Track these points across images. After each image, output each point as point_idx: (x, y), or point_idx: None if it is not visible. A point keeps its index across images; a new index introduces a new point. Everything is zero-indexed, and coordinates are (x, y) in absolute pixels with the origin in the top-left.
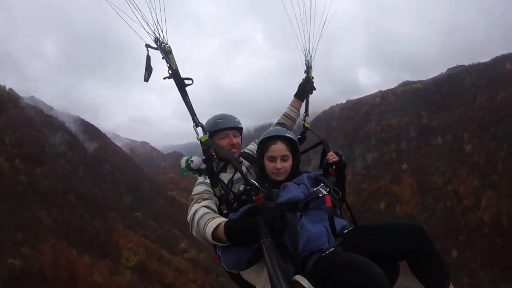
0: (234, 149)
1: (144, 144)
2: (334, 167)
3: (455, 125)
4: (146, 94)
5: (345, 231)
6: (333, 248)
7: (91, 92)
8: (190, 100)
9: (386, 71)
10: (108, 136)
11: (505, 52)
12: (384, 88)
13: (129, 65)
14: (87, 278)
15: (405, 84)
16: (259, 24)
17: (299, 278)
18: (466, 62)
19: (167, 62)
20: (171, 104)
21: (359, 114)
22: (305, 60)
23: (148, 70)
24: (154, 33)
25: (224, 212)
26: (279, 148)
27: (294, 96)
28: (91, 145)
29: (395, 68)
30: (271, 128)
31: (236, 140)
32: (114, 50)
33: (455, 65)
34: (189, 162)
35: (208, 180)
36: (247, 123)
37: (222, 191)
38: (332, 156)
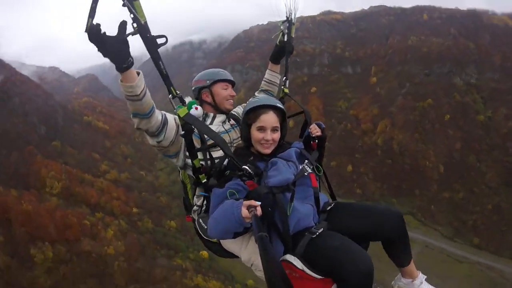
0: (231, 100)
1: (53, 69)
2: (316, 141)
3: (365, 58)
4: (47, 12)
5: (327, 208)
6: (322, 229)
7: None
8: (164, 65)
9: None
10: (14, 66)
11: (426, 4)
12: (305, 14)
13: None
14: (17, 209)
15: (326, 13)
16: None
17: (291, 258)
18: (389, 3)
19: (131, 12)
20: (78, 21)
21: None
22: (287, 17)
23: (92, 16)
24: None
25: (203, 181)
26: (270, 118)
27: (270, 60)
28: None
29: None
30: (258, 95)
31: (233, 92)
32: None
33: (378, 4)
34: (192, 107)
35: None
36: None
37: (202, 163)
38: (315, 130)
